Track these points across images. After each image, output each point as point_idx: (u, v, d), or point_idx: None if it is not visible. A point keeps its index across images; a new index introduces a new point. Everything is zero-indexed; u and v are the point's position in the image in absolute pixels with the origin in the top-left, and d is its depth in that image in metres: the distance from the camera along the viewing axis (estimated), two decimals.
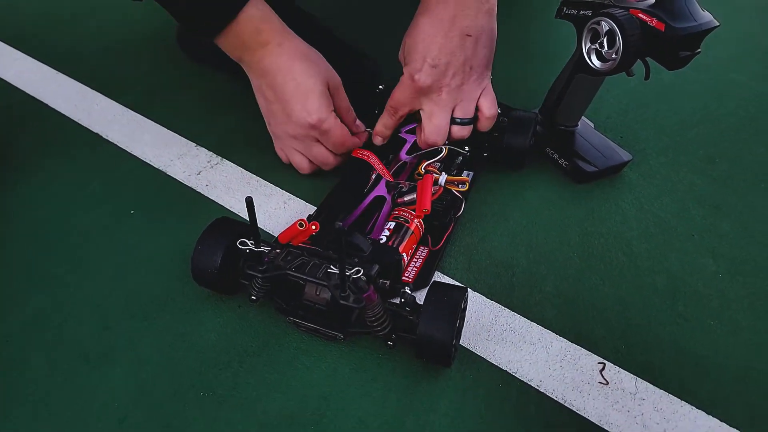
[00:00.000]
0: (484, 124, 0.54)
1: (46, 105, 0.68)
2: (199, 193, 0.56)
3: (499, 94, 0.63)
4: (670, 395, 0.40)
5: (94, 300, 0.47)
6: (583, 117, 0.60)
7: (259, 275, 0.41)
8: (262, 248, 0.41)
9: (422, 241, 0.50)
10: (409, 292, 0.42)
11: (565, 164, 0.57)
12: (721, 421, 0.39)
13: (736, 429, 0.38)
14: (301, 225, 0.43)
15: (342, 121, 0.54)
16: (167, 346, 0.43)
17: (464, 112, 0.53)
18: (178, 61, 0.74)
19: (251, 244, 0.41)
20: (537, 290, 0.47)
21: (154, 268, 0.49)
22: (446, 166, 0.55)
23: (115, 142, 0.62)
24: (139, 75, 0.73)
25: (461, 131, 0.53)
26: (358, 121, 0.57)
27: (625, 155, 0.57)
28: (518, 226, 0.53)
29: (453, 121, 0.53)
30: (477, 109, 0.53)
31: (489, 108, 0.53)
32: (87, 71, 0.73)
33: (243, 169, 0.59)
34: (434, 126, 0.52)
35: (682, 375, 0.41)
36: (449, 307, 0.39)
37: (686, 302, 0.46)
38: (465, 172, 0.57)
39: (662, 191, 0.56)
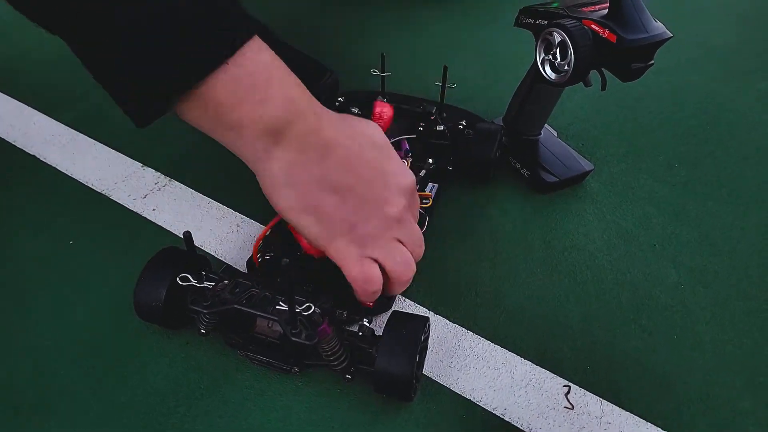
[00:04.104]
0: None
1: None
2: (145, 218, 0.53)
3: (465, 102, 0.62)
4: (635, 417, 0.39)
5: (26, 342, 0.43)
6: (546, 125, 0.59)
7: (204, 311, 0.38)
8: (205, 284, 0.38)
9: None
10: (367, 323, 0.40)
11: (527, 174, 0.56)
12: None
13: None
14: None
15: None
16: (108, 392, 0.40)
17: None
18: None
19: (193, 279, 0.38)
20: (500, 310, 0.46)
21: (94, 304, 0.46)
22: None
23: (54, 165, 0.58)
24: (80, 90, 0.68)
25: None
26: None
27: (587, 165, 0.56)
28: (481, 242, 0.51)
29: None
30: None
31: None
32: (23, 87, 0.68)
33: (193, 191, 0.56)
34: None
35: (648, 395, 0.40)
36: (409, 340, 0.37)
37: (650, 316, 0.46)
38: (429, 185, 0.55)
39: (623, 200, 0.56)
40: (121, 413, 0.39)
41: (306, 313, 0.36)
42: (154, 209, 0.54)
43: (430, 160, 0.53)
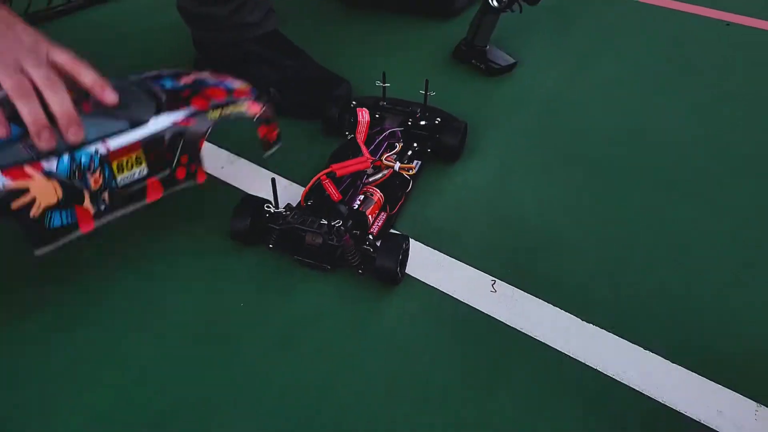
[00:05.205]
0: None
1: None
2: (224, 181, 0.79)
3: (442, 105, 0.87)
4: (536, 298, 0.64)
5: (156, 252, 0.69)
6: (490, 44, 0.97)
7: (277, 227, 0.64)
8: (281, 210, 0.64)
9: (383, 209, 0.73)
10: (372, 237, 0.65)
11: (481, 66, 0.93)
12: (561, 309, 0.63)
13: (571, 313, 0.63)
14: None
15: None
16: (212, 278, 0.66)
17: None
18: None
19: (272, 208, 0.64)
20: (458, 240, 0.71)
21: (199, 233, 0.71)
22: (400, 156, 0.79)
23: None
24: None
25: None
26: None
27: (513, 60, 0.97)
28: (449, 200, 0.77)
29: None
30: None
31: None
32: None
33: (253, 164, 0.82)
34: None
35: (543, 285, 0.66)
36: (395, 247, 0.63)
37: (551, 240, 0.71)
38: (415, 161, 0.81)
39: (551, 180, 0.81)
40: (222, 290, 0.65)
41: (336, 226, 0.62)
42: (229, 176, 0.80)
43: (415, 144, 0.79)
